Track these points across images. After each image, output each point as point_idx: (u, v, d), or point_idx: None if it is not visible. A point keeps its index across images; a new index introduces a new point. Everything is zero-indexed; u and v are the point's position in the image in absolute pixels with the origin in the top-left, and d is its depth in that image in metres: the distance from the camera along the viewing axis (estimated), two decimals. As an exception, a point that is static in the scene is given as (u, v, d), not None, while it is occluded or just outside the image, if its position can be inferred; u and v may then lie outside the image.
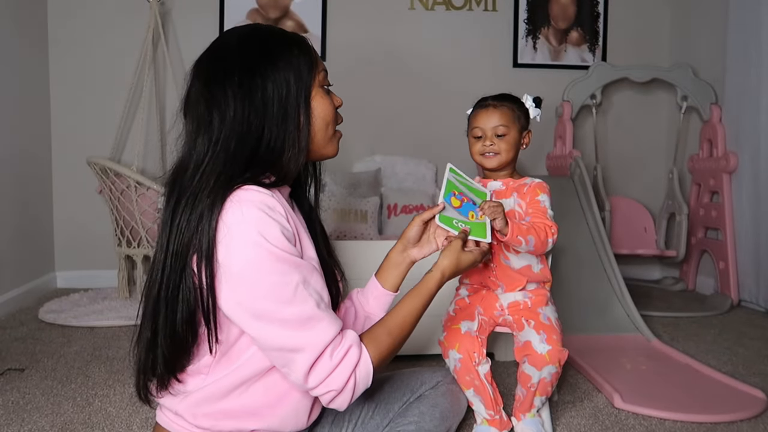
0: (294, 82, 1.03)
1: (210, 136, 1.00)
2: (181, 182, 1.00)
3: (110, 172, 2.75)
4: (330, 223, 2.67)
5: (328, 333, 0.97)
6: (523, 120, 1.52)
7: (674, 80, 3.32)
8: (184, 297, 0.97)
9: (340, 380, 0.98)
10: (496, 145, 1.48)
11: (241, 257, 0.93)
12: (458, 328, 1.45)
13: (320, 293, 1.00)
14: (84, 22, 3.25)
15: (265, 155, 1.01)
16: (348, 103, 4.01)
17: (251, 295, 0.94)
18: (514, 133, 1.49)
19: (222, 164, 0.98)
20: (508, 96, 1.54)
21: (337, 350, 0.98)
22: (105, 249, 3.20)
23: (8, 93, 2.81)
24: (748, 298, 2.96)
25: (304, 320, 0.95)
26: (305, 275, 0.97)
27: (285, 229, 0.97)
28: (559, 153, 3.34)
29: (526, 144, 1.54)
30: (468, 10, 3.53)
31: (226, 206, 0.94)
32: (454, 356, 1.41)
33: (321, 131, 1.09)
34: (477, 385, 1.41)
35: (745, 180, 2.97)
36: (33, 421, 1.57)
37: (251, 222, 0.94)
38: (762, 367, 2.08)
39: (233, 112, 0.99)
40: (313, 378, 0.97)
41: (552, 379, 1.42)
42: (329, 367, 0.97)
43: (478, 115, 1.52)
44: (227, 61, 1.03)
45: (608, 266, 2.59)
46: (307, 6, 3.42)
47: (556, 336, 1.41)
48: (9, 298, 2.71)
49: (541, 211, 1.46)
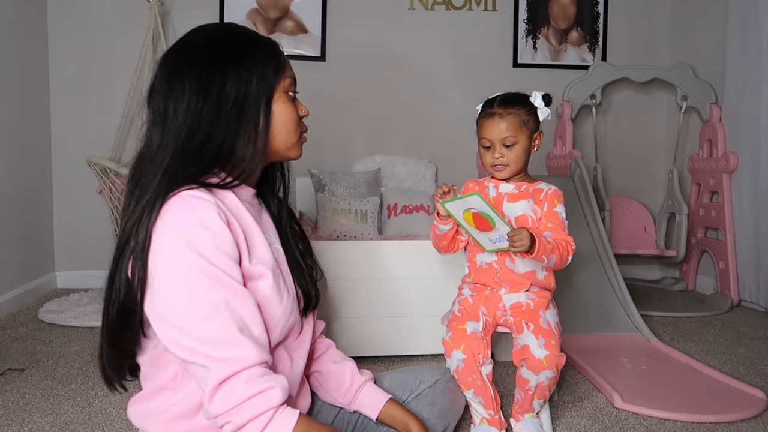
0: (256, 84, 1.03)
1: (164, 128, 1.00)
2: (139, 172, 1.01)
3: (110, 172, 2.75)
4: (330, 223, 2.67)
5: (241, 360, 0.90)
6: (532, 123, 1.49)
7: (674, 80, 3.32)
8: (116, 288, 0.97)
9: (247, 415, 0.89)
10: (505, 157, 1.46)
11: (165, 263, 0.92)
12: (464, 328, 1.44)
13: (243, 319, 0.93)
14: (84, 22, 3.25)
15: (214, 151, 1.00)
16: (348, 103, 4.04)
17: (168, 303, 0.91)
18: (524, 140, 1.47)
19: (169, 157, 0.98)
20: (515, 98, 1.49)
21: (257, 381, 0.89)
22: (105, 249, 3.16)
23: (8, 93, 2.81)
24: (748, 298, 2.95)
25: (218, 341, 0.90)
26: (229, 296, 0.92)
27: (221, 241, 0.94)
28: (559, 153, 3.34)
29: (537, 146, 1.52)
30: (468, 10, 3.53)
31: (165, 207, 0.94)
32: (458, 356, 1.40)
33: (281, 136, 1.07)
34: (479, 385, 1.41)
35: (745, 180, 2.97)
36: (33, 421, 1.57)
37: (183, 230, 0.92)
38: (762, 367, 2.08)
39: (186, 105, 0.99)
40: (220, 402, 0.89)
41: (550, 384, 1.42)
42: (241, 395, 0.89)
43: (483, 124, 1.49)
44: (191, 55, 1.03)
45: (608, 266, 2.59)
46: (307, 6, 3.42)
47: (554, 341, 1.41)
48: (9, 298, 2.71)
49: (560, 225, 1.47)
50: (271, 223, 1.16)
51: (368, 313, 2.07)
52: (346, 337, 2.04)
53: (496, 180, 1.54)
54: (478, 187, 1.56)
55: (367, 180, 3.13)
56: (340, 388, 1.23)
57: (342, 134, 3.41)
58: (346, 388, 1.23)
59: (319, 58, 3.41)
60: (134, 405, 1.06)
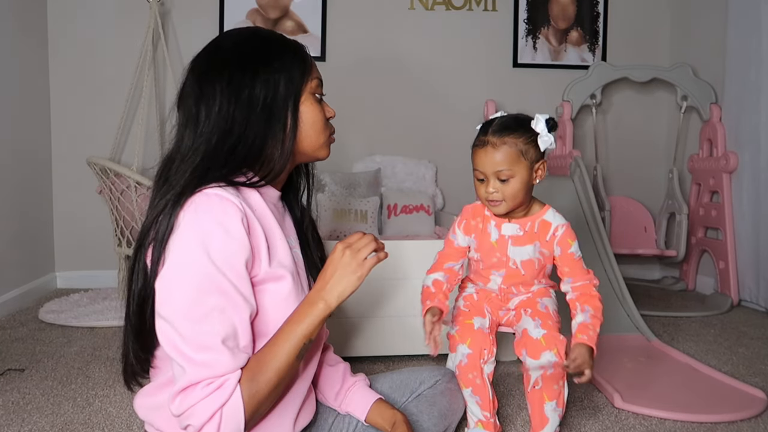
0: (284, 85, 1.04)
1: (195, 130, 1.01)
2: (167, 171, 1.02)
3: (110, 172, 2.75)
4: (330, 223, 2.67)
5: (215, 368, 0.91)
6: (533, 152, 1.30)
7: (674, 80, 3.32)
8: (135, 278, 0.98)
9: (202, 416, 0.90)
10: (500, 192, 1.30)
11: (175, 257, 0.92)
12: (471, 323, 1.41)
13: (235, 329, 0.93)
14: (84, 22, 3.25)
15: (245, 152, 1.02)
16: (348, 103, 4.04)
17: (167, 296, 0.92)
18: (522, 173, 1.30)
19: (200, 158, 0.99)
20: (514, 123, 1.30)
21: (212, 383, 0.91)
22: (105, 249, 3.20)
23: (8, 93, 2.81)
24: (748, 298, 2.95)
25: (202, 345, 0.90)
26: (226, 305, 0.92)
27: (235, 246, 0.93)
28: (559, 153, 3.34)
29: (540, 177, 1.33)
30: (468, 10, 3.53)
31: (189, 201, 0.95)
32: (463, 351, 1.38)
33: (309, 137, 1.09)
34: (478, 384, 1.38)
35: (745, 180, 2.97)
36: (33, 422, 1.57)
37: (201, 229, 0.92)
38: (762, 367, 2.08)
39: (218, 108, 1.00)
40: (179, 403, 0.91)
41: (555, 373, 1.36)
42: (196, 397, 0.90)
43: (476, 154, 1.32)
44: (221, 58, 1.04)
45: (608, 266, 2.59)
46: (307, 6, 3.42)
47: (551, 322, 1.38)
48: (9, 298, 2.72)
49: (576, 264, 1.39)
50: (293, 227, 1.17)
51: (368, 313, 2.07)
52: (346, 338, 2.04)
53: (497, 217, 1.41)
54: (479, 219, 1.43)
55: (367, 180, 3.13)
56: (332, 389, 1.24)
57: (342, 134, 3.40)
58: (337, 390, 1.24)
59: (319, 58, 3.41)
60: (141, 397, 1.07)
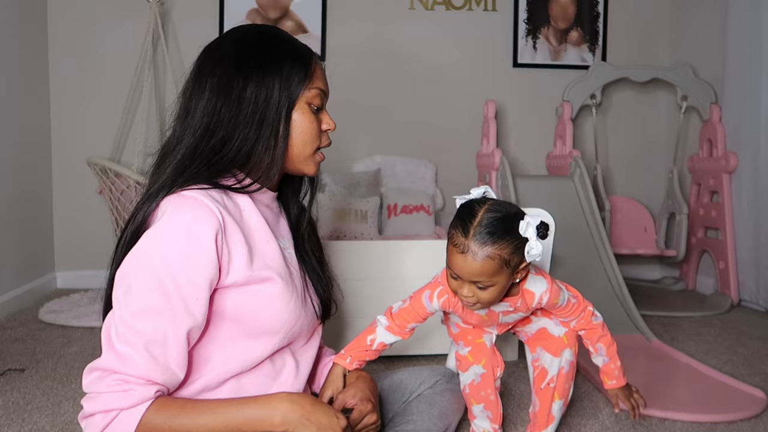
0: (279, 90, 1.02)
1: (185, 123, 1.02)
2: (158, 163, 1.04)
3: (110, 172, 2.75)
4: (330, 223, 2.67)
5: (128, 366, 0.89)
6: (517, 258, 1.11)
7: (674, 80, 3.32)
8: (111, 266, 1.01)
9: (101, 405, 0.88)
10: (476, 296, 1.14)
11: (137, 248, 0.94)
12: (483, 342, 1.36)
13: (165, 338, 0.91)
14: (84, 22, 3.25)
15: (232, 154, 1.00)
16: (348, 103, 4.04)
17: (119, 280, 0.95)
18: (502, 280, 1.13)
19: (183, 152, 1.00)
20: (500, 227, 1.09)
21: (120, 383, 0.89)
22: (105, 249, 3.17)
23: (8, 93, 2.80)
24: (748, 297, 2.95)
25: (126, 339, 0.90)
26: (164, 310, 0.91)
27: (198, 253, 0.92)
28: (559, 153, 3.34)
29: (520, 277, 1.18)
30: (468, 10, 3.53)
31: (164, 200, 0.96)
32: (477, 371, 1.34)
33: (298, 147, 1.06)
34: (492, 401, 1.35)
35: (745, 180, 2.97)
36: (33, 422, 1.57)
37: (166, 230, 0.93)
38: (762, 367, 2.08)
39: (206, 103, 1.00)
40: (90, 382, 0.91)
41: (570, 371, 1.33)
42: (104, 387, 0.89)
43: (454, 256, 1.12)
44: (219, 55, 1.04)
45: (608, 266, 2.59)
46: (307, 6, 3.42)
47: None
48: (9, 298, 2.71)
49: (569, 308, 1.29)
50: (287, 228, 1.15)
51: (368, 313, 2.06)
52: (345, 338, 2.04)
53: None
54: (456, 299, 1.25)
55: (367, 180, 3.13)
56: (318, 381, 1.26)
57: (342, 134, 3.39)
58: (320, 379, 1.26)
59: (319, 58, 3.40)
60: None
